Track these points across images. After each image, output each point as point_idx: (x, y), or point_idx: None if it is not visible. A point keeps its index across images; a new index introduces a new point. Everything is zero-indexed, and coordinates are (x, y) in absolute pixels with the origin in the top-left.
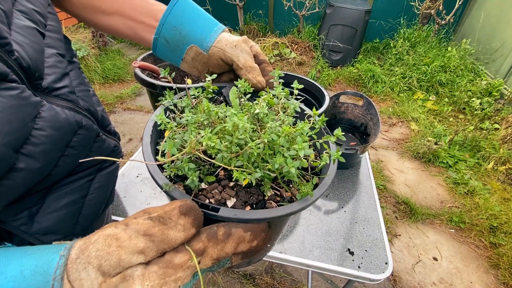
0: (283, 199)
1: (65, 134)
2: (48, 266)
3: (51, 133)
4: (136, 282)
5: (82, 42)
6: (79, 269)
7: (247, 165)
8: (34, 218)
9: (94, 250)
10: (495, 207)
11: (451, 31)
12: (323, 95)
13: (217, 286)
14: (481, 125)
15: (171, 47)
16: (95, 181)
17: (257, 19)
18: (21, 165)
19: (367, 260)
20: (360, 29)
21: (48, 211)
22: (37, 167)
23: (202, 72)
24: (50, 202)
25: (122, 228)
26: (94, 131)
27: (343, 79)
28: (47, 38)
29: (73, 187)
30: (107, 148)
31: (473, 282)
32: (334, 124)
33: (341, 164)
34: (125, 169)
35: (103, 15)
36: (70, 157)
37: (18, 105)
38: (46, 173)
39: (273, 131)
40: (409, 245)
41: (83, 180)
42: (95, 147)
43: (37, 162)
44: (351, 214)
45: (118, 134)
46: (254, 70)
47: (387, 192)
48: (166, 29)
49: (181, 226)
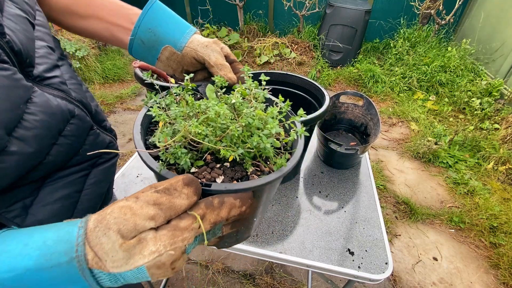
0: (263, 173)
1: (57, 121)
2: (69, 236)
3: (43, 118)
4: (150, 243)
5: (82, 42)
6: (99, 235)
7: (230, 145)
8: (28, 211)
9: (112, 218)
10: (495, 207)
11: (451, 31)
12: (323, 95)
13: (217, 286)
14: (481, 125)
15: (146, 47)
16: (91, 176)
17: (257, 19)
18: (13, 148)
19: (367, 260)
20: (360, 29)
21: (42, 204)
22: (30, 152)
23: (177, 70)
24: (44, 195)
25: (133, 200)
26: (87, 123)
27: (343, 79)
28: (36, 30)
29: (67, 181)
30: (102, 142)
31: (473, 282)
32: (334, 124)
33: (341, 164)
34: (125, 169)
35: (80, 19)
36: (63, 146)
37: (10, 86)
38: (38, 159)
39: (248, 116)
40: (409, 245)
41: (77, 174)
42: (89, 140)
43: (29, 146)
44: (351, 214)
45: (114, 131)
46: (225, 68)
47: (387, 192)
48: (142, 31)
49: (185, 195)
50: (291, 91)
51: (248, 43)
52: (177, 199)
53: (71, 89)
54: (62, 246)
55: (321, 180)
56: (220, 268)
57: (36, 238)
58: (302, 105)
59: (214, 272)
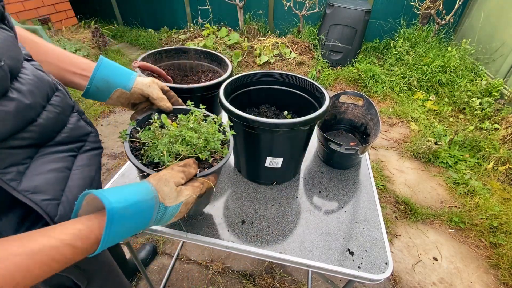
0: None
1: (44, 85)
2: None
3: (34, 79)
4: (184, 191)
5: (82, 42)
6: (161, 185)
7: (200, 152)
8: (22, 178)
9: (167, 177)
10: (495, 207)
11: (451, 31)
12: (323, 95)
13: (217, 286)
14: (481, 125)
15: (100, 91)
16: (78, 159)
17: (257, 19)
18: (13, 95)
19: (367, 260)
20: (360, 29)
21: (36, 173)
22: (26, 103)
23: (125, 104)
24: (36, 165)
25: (171, 170)
26: (69, 101)
27: (343, 79)
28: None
29: (57, 157)
30: (83, 128)
31: (473, 282)
32: (334, 124)
33: (341, 164)
34: (125, 169)
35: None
36: (51, 113)
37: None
38: (32, 114)
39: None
40: (409, 245)
41: (66, 153)
42: (72, 121)
43: (25, 98)
44: (351, 214)
45: (96, 128)
46: (163, 99)
47: (387, 192)
48: (97, 80)
49: (194, 167)
50: (291, 91)
51: (248, 43)
52: (191, 169)
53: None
54: (146, 192)
55: (321, 180)
56: (220, 268)
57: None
58: (302, 105)
59: (214, 272)
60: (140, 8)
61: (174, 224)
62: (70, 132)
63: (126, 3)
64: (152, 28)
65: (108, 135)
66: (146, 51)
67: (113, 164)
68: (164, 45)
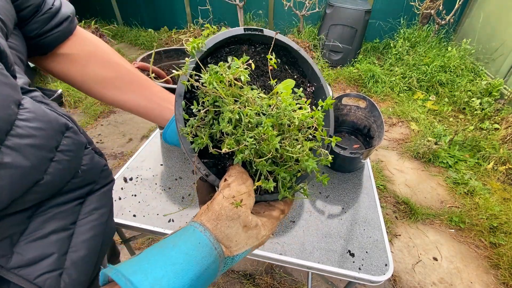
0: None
1: (53, 130)
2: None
3: (38, 126)
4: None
5: None
6: (222, 230)
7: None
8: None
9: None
10: (495, 207)
11: (451, 31)
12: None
13: (217, 286)
14: (481, 125)
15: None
16: (86, 203)
17: (257, 19)
18: (7, 159)
19: (368, 262)
20: (360, 29)
21: (32, 239)
22: (26, 165)
23: None
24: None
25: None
26: (81, 138)
27: (343, 79)
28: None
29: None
30: (98, 164)
31: (473, 282)
32: (337, 127)
33: (343, 168)
34: (125, 170)
35: (117, 92)
36: (61, 163)
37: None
38: (36, 176)
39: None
40: (409, 245)
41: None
42: (86, 160)
43: (25, 158)
44: (352, 215)
45: (104, 156)
46: None
47: (387, 192)
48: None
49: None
50: None
51: None
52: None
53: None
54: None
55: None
56: None
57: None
58: None
59: None
60: (140, 8)
61: (174, 225)
62: (84, 175)
63: (126, 3)
64: (152, 28)
65: (108, 135)
66: (146, 51)
67: (113, 164)
68: (164, 45)
